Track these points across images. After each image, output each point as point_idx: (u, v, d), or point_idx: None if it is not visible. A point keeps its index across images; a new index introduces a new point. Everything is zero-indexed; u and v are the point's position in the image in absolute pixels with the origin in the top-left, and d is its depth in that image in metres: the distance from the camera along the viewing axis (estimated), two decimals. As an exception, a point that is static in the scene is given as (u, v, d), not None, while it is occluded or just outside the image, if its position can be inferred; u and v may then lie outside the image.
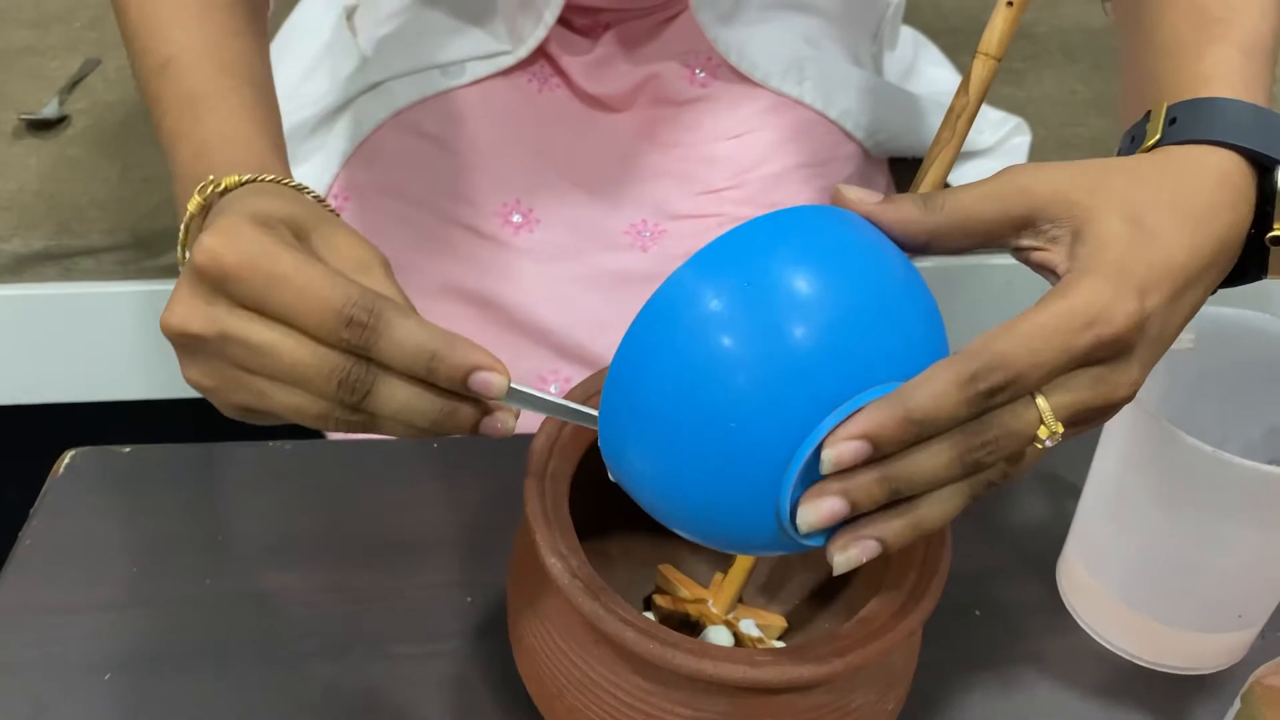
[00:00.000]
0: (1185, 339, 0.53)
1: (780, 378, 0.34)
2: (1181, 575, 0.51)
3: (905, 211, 0.39)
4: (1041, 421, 0.36)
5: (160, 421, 0.96)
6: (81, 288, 0.93)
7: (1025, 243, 0.40)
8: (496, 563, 0.52)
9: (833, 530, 0.36)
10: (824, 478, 0.35)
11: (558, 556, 0.41)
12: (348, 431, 0.40)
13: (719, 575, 0.52)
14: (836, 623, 0.50)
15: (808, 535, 0.35)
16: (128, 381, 0.95)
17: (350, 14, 0.88)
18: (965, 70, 0.45)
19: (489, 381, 0.37)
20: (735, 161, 0.77)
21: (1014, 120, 0.96)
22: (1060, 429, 0.36)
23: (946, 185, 0.90)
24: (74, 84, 1.04)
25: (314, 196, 0.45)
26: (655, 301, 0.36)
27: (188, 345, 0.39)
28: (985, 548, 0.60)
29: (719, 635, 0.49)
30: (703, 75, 0.80)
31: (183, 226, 0.43)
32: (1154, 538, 0.51)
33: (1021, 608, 0.57)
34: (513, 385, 0.38)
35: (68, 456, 0.63)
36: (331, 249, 0.40)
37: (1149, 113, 0.44)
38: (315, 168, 0.82)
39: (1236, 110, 0.42)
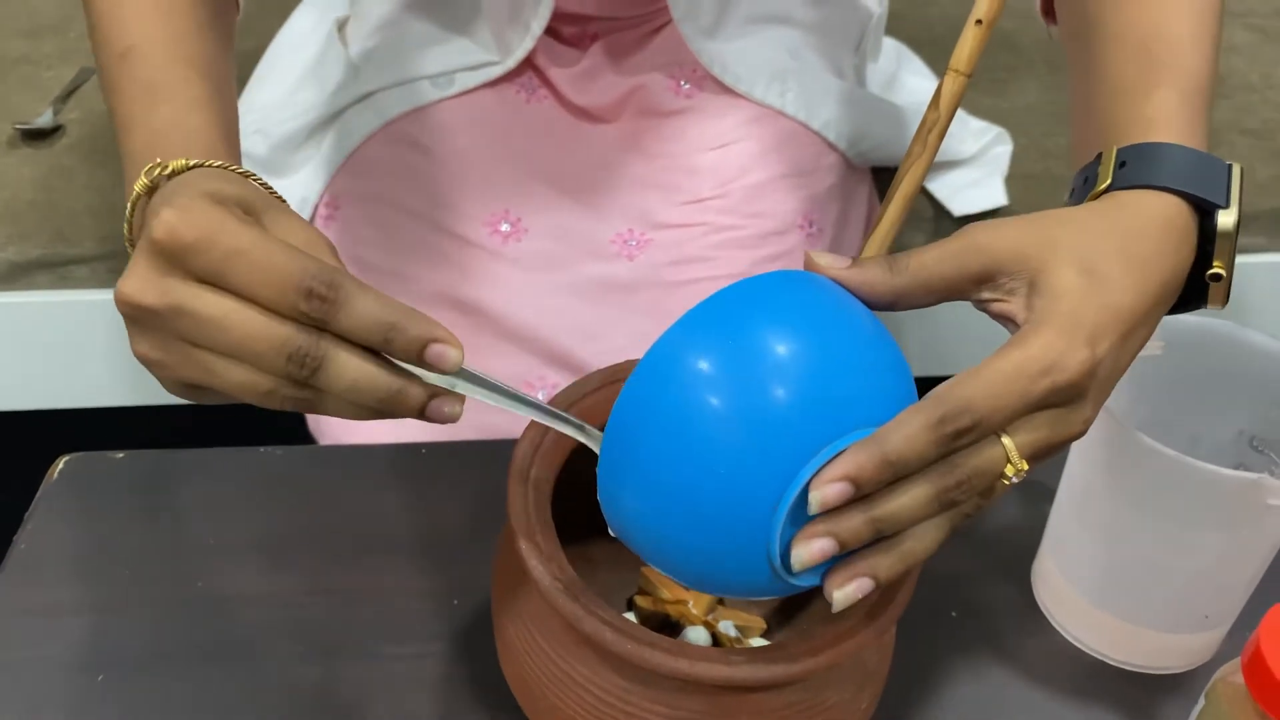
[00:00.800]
0: (1153, 345, 0.54)
1: (764, 429, 0.36)
2: (1149, 577, 0.52)
3: (871, 274, 0.42)
4: (1008, 459, 0.38)
5: (154, 428, 0.97)
6: (75, 295, 0.93)
7: (985, 295, 0.42)
8: (481, 566, 0.54)
9: (824, 570, 0.38)
10: (812, 519, 0.37)
11: (539, 559, 0.42)
12: (294, 409, 0.40)
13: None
14: (814, 624, 0.52)
15: (800, 575, 0.38)
16: (121, 388, 0.96)
17: (341, 26, 0.90)
18: (938, 85, 0.46)
19: (443, 354, 0.38)
20: (719, 172, 0.79)
21: (995, 130, 0.97)
22: (1025, 466, 0.39)
23: (929, 195, 0.92)
24: (68, 93, 1.05)
25: (260, 183, 0.45)
26: (647, 361, 0.38)
27: (139, 318, 0.39)
28: (961, 551, 0.61)
29: (698, 635, 0.50)
30: (687, 87, 0.81)
31: (129, 205, 0.44)
32: (1122, 541, 0.52)
33: (996, 609, 0.58)
34: (465, 367, 0.39)
35: (62, 462, 0.64)
36: (281, 231, 0.41)
37: (1100, 155, 0.46)
38: (305, 178, 0.83)
39: (1180, 156, 0.45)
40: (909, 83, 0.97)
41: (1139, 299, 0.41)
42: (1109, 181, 0.45)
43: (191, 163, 0.44)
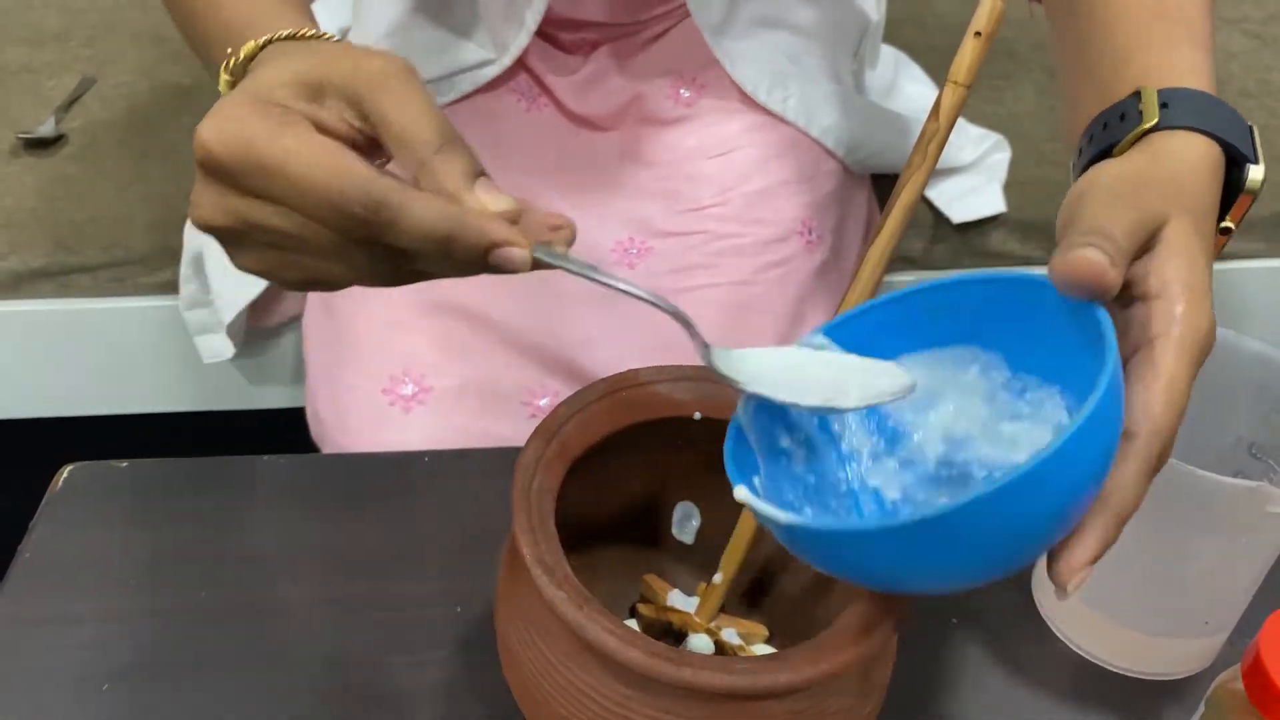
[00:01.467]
0: None
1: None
2: (1150, 584, 0.52)
3: (1101, 266, 0.36)
4: None
5: (158, 436, 0.97)
6: (78, 304, 0.94)
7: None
8: (484, 574, 0.54)
9: None
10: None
11: (543, 568, 0.42)
12: (412, 281, 0.40)
13: (703, 585, 0.53)
14: (816, 631, 0.52)
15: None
16: (125, 396, 0.97)
17: (344, 36, 0.90)
18: (937, 96, 0.47)
19: (508, 257, 0.37)
20: (719, 179, 0.79)
21: (994, 137, 0.97)
22: None
23: (928, 202, 0.92)
24: (70, 102, 1.05)
25: (334, 39, 0.44)
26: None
27: (224, 238, 0.38)
28: (963, 557, 0.61)
29: (700, 643, 0.51)
30: (687, 95, 0.82)
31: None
32: (1123, 547, 0.52)
33: (998, 616, 0.58)
34: (537, 253, 0.37)
35: (66, 471, 0.64)
36: (334, 116, 0.39)
37: (1137, 92, 0.45)
38: None
39: (1218, 105, 0.44)
40: (907, 90, 0.98)
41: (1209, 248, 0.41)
42: (1156, 120, 0.43)
43: (261, 40, 0.42)
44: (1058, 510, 0.36)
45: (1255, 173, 0.44)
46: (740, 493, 0.40)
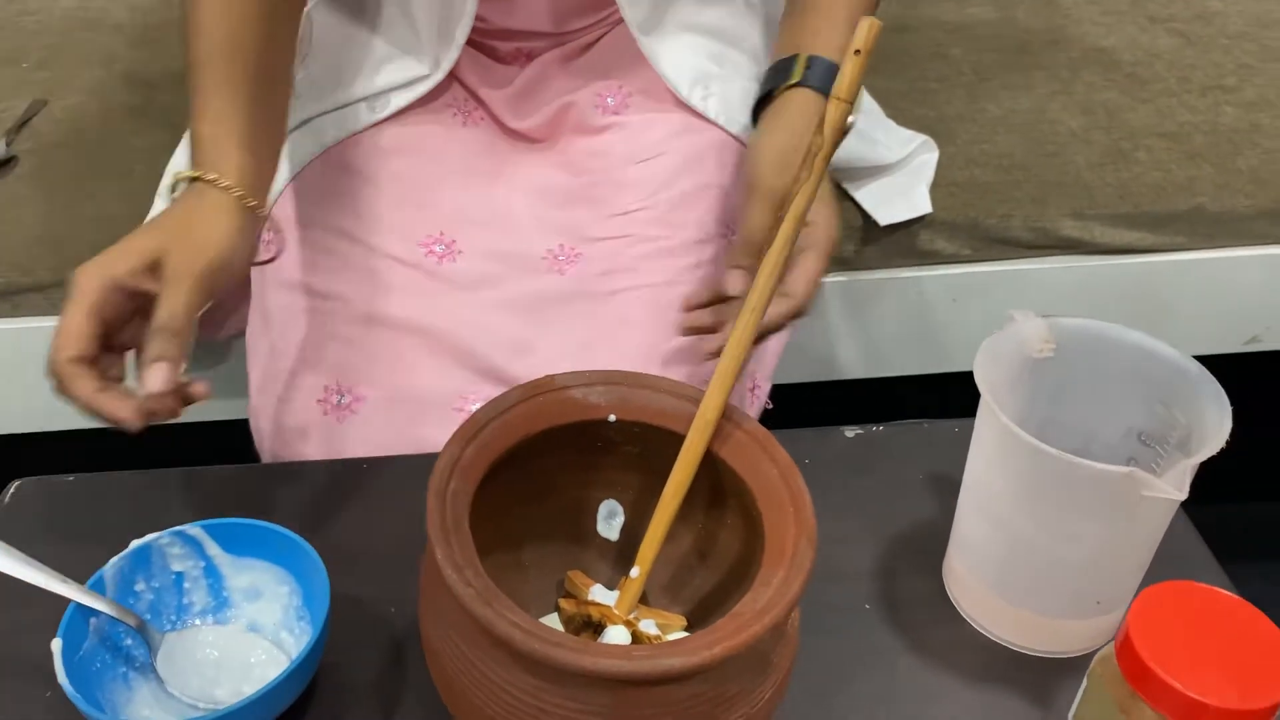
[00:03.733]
0: (1046, 348, 0.57)
1: None
2: (1043, 567, 0.55)
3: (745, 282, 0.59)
4: None
5: (108, 451, 0.99)
6: (30, 323, 0.96)
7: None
8: (416, 575, 0.56)
9: None
10: None
11: (453, 567, 0.44)
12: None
13: (625, 579, 0.56)
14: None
15: None
16: (73, 413, 0.98)
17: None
18: (822, 113, 0.50)
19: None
20: (645, 184, 0.82)
21: (921, 138, 1.00)
22: None
23: (856, 204, 0.95)
24: (21, 124, 1.07)
25: (235, 192, 0.61)
26: None
27: None
28: (880, 547, 0.64)
29: (617, 634, 0.53)
30: (613, 102, 0.84)
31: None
32: (1017, 534, 0.55)
33: (910, 602, 0.61)
34: None
35: (14, 485, 0.66)
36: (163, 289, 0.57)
37: (795, 55, 0.71)
38: None
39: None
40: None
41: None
42: (797, 80, 0.70)
43: (186, 176, 0.61)
44: None
45: (851, 120, 0.59)
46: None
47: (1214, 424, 0.52)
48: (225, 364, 0.97)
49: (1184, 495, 0.48)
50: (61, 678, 0.49)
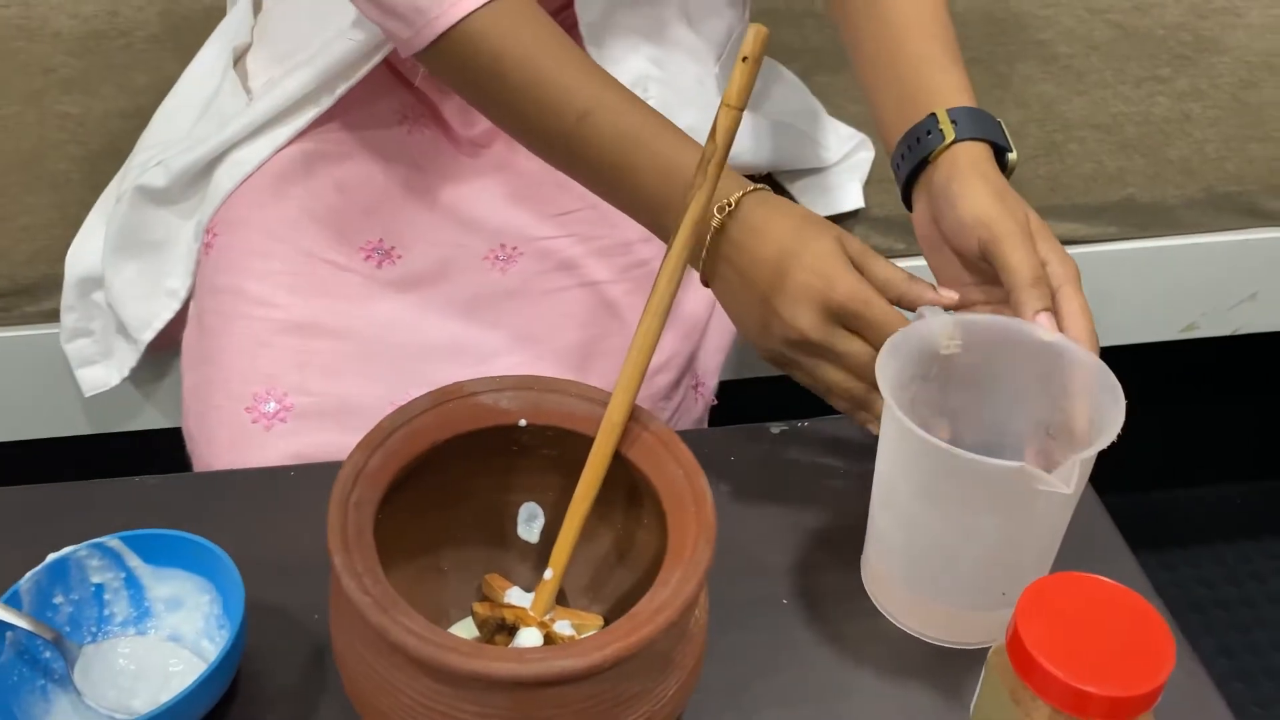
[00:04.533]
0: (952, 344, 0.58)
1: None
2: (947, 561, 0.56)
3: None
4: None
5: (44, 462, 0.99)
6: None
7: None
8: (333, 582, 0.57)
9: None
10: None
11: (351, 576, 0.45)
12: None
13: (541, 581, 0.57)
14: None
15: None
16: (8, 424, 0.98)
17: (239, 57, 0.92)
18: (714, 119, 0.50)
19: None
20: None
21: (859, 136, 1.01)
22: None
23: (790, 198, 0.96)
24: (-42, 137, 1.06)
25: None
26: None
27: (801, 344, 0.62)
28: (800, 543, 0.65)
29: (530, 637, 0.54)
30: None
31: (709, 238, 0.63)
32: (921, 528, 0.56)
33: (828, 596, 0.62)
34: None
35: (-59, 501, 0.66)
36: (872, 268, 0.62)
37: (932, 114, 0.66)
38: (204, 208, 0.85)
39: (984, 115, 0.66)
40: (775, 94, 1.01)
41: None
42: (953, 136, 0.64)
43: (741, 194, 0.62)
44: None
45: (1012, 157, 0.67)
46: None
47: (1110, 417, 0.53)
48: (159, 373, 0.97)
49: (1071, 490, 0.49)
50: None
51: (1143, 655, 0.45)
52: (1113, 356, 0.59)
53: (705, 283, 0.66)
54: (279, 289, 0.76)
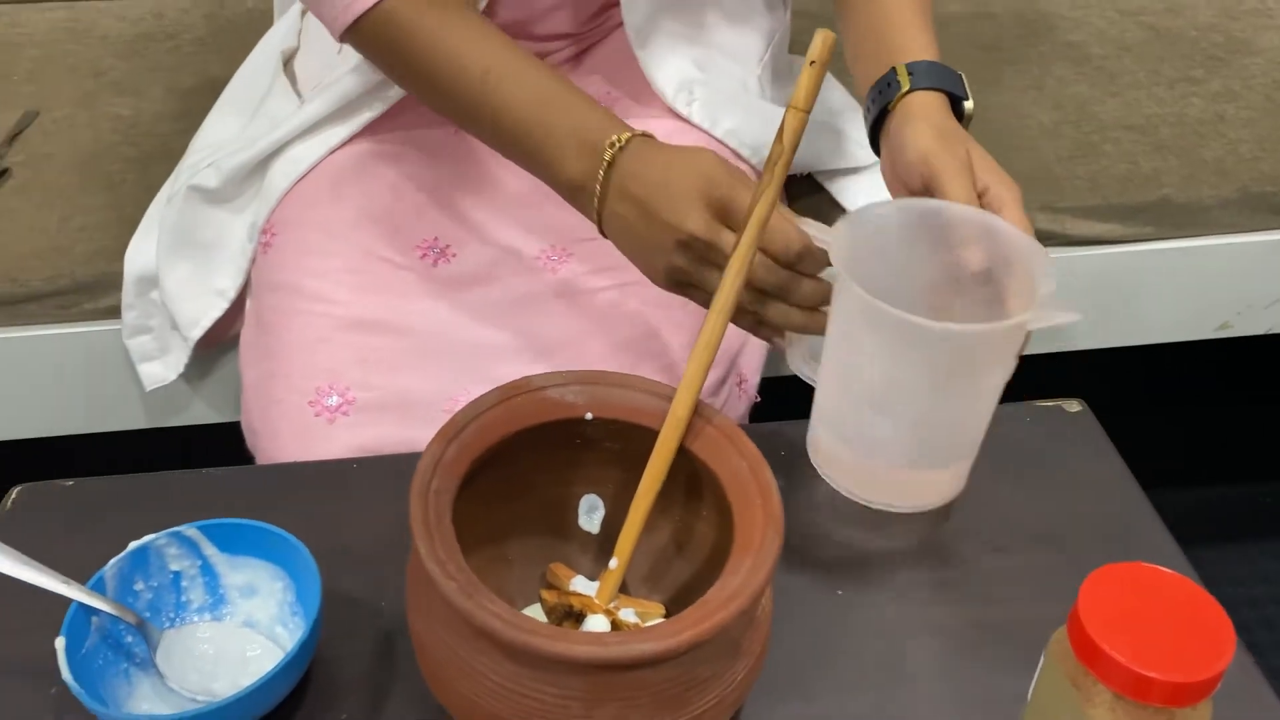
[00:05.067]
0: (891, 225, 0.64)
1: None
2: (878, 418, 0.61)
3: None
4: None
5: (107, 455, 1.01)
6: (25, 332, 0.98)
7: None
8: (404, 572, 0.58)
9: None
10: None
11: (436, 562, 0.47)
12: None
13: (605, 570, 0.58)
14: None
15: None
16: (70, 418, 1.00)
17: (288, 60, 0.94)
18: (781, 121, 0.52)
19: None
20: None
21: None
22: None
23: (835, 202, 0.99)
24: (13, 136, 1.08)
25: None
26: None
27: (688, 244, 0.63)
28: (850, 535, 0.66)
29: (597, 623, 0.55)
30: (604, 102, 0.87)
31: (601, 177, 0.66)
32: (850, 385, 0.61)
33: (882, 586, 0.63)
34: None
35: (14, 492, 0.68)
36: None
37: (893, 68, 0.73)
38: (255, 207, 0.87)
39: (941, 68, 0.73)
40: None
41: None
42: (909, 87, 0.71)
43: (630, 134, 0.66)
44: None
45: (968, 105, 0.74)
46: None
47: (1044, 284, 0.57)
48: (218, 367, 0.99)
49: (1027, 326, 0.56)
50: (65, 674, 0.51)
51: (1202, 642, 0.46)
52: (1148, 355, 0.61)
53: (601, 229, 0.69)
54: (339, 286, 0.78)
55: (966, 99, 0.73)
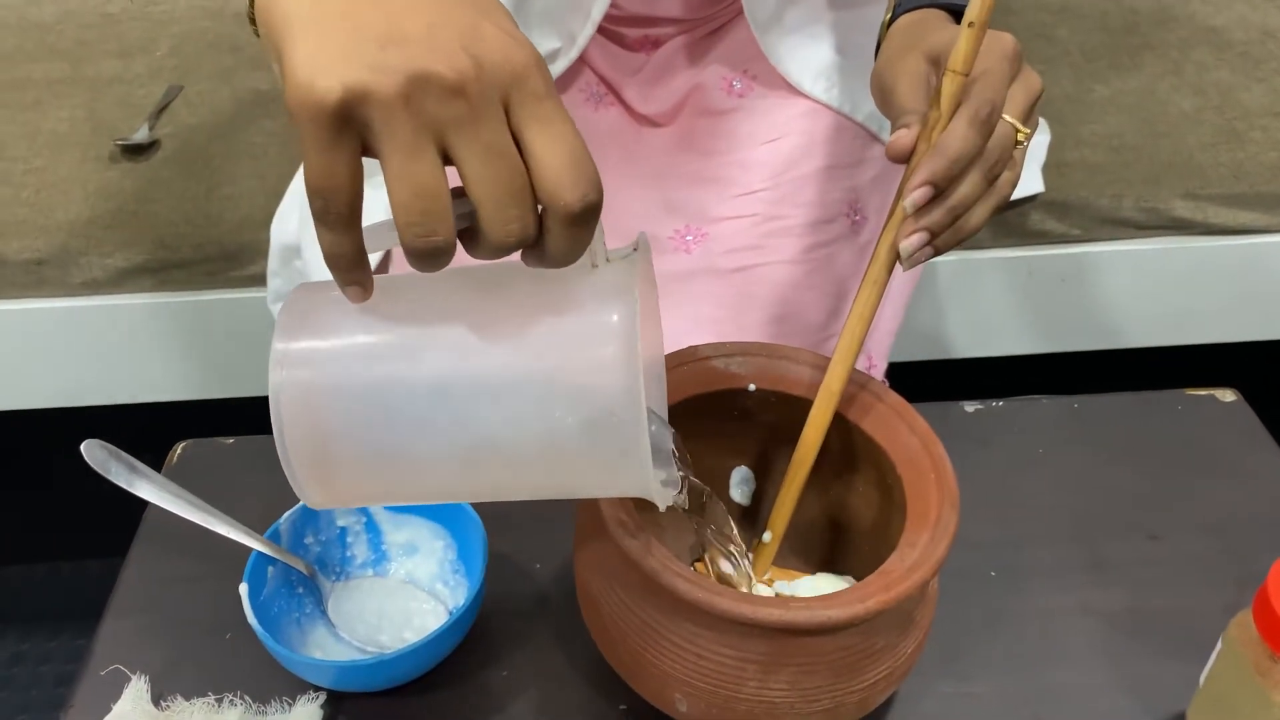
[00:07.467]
0: None
1: None
2: None
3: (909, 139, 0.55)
4: (1015, 129, 0.54)
5: (249, 418, 1.04)
6: (176, 297, 1.01)
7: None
8: (558, 534, 0.60)
9: None
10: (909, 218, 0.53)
11: (619, 525, 0.48)
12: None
13: (757, 541, 0.59)
14: (858, 579, 0.57)
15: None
16: (219, 381, 1.04)
17: None
18: (937, 85, 0.51)
19: None
20: (770, 165, 0.83)
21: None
22: (1026, 128, 0.55)
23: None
24: (160, 110, 1.12)
25: None
26: None
27: None
28: (1000, 515, 0.66)
29: (761, 592, 0.56)
30: (739, 86, 0.87)
31: None
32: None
33: (1034, 570, 0.63)
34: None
35: (179, 447, 0.71)
36: None
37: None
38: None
39: None
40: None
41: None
42: (891, 15, 0.68)
43: None
44: None
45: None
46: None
47: None
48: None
49: None
50: (251, 618, 0.53)
51: (1399, 632, 0.45)
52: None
53: None
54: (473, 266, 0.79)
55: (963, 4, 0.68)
